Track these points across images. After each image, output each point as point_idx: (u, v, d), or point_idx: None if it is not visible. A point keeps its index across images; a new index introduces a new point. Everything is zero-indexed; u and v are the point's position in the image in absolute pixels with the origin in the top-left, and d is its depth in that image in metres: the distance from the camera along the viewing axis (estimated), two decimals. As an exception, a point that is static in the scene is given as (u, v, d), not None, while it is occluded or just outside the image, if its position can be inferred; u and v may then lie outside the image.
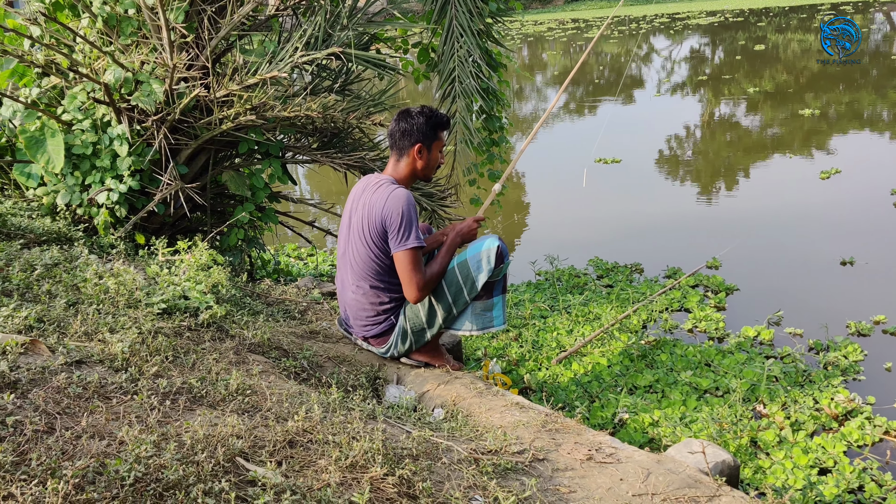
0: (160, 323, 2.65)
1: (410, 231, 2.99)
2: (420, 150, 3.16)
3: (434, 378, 3.10)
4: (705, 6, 34.59)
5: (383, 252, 3.08)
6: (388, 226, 3.01)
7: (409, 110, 3.19)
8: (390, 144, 3.22)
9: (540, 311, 4.75)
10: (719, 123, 11.12)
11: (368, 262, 3.10)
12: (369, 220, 3.06)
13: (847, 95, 12.12)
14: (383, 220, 3.01)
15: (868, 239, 5.79)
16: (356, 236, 3.13)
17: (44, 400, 1.81)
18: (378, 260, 3.09)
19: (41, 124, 3.76)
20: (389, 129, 3.22)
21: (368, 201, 3.09)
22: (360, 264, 3.13)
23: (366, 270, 3.13)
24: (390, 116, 3.89)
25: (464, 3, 4.54)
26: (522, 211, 7.80)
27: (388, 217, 3.00)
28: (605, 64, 20.30)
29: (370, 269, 3.12)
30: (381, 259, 3.09)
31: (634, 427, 3.31)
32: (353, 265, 3.17)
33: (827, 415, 3.35)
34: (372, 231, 3.05)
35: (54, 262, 3.05)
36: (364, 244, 3.09)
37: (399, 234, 2.99)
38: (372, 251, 3.08)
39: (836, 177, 7.51)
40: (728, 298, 4.87)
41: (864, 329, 4.25)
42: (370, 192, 3.11)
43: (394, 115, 3.25)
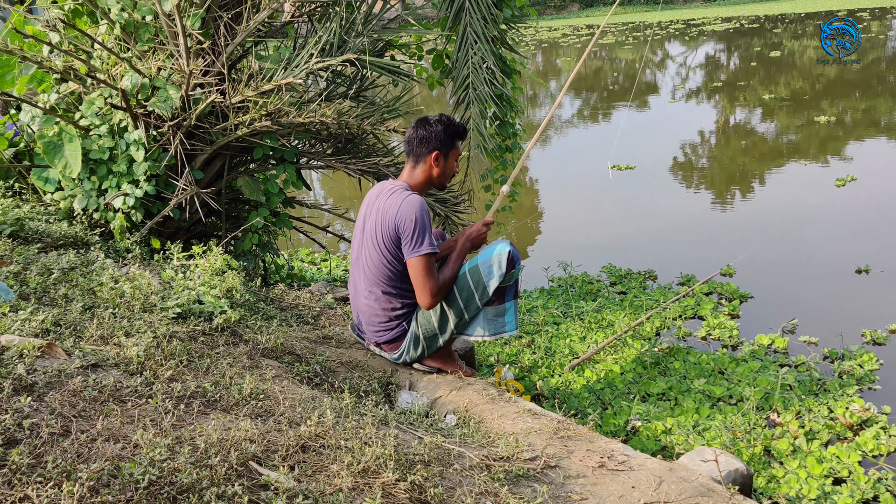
0: (175, 327, 2.67)
1: (424, 237, 3.00)
2: (437, 157, 3.18)
3: (446, 384, 3.10)
4: (720, 12, 34.48)
5: (396, 258, 3.09)
6: (402, 232, 3.02)
7: (428, 118, 3.21)
8: (407, 151, 3.24)
9: (553, 318, 4.75)
10: (734, 130, 11.08)
11: (381, 267, 3.11)
12: (383, 226, 3.07)
13: (863, 102, 12.05)
14: (396, 225, 3.02)
15: (883, 247, 5.75)
16: (370, 242, 3.14)
17: (60, 403, 1.82)
18: (391, 266, 3.10)
19: (59, 129, 3.80)
20: (407, 136, 3.23)
21: (382, 207, 3.10)
22: (373, 270, 3.14)
23: (378, 276, 3.14)
24: (405, 122, 3.90)
25: (478, 9, 4.55)
26: (536, 216, 7.80)
27: (402, 223, 3.01)
28: (619, 70, 20.27)
29: (383, 275, 3.13)
30: (393, 265, 3.10)
31: (647, 435, 3.30)
32: (366, 270, 3.18)
33: (842, 424, 3.33)
34: (385, 237, 3.06)
35: (71, 266, 3.08)
36: (377, 250, 3.10)
37: (412, 240, 3.00)
38: (385, 257, 3.09)
39: (852, 184, 7.46)
40: (742, 306, 4.85)
41: (879, 338, 4.22)
42: (384, 198, 3.12)
43: (408, 122, 3.26)
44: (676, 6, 42.79)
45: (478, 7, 4.55)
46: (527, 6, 5.28)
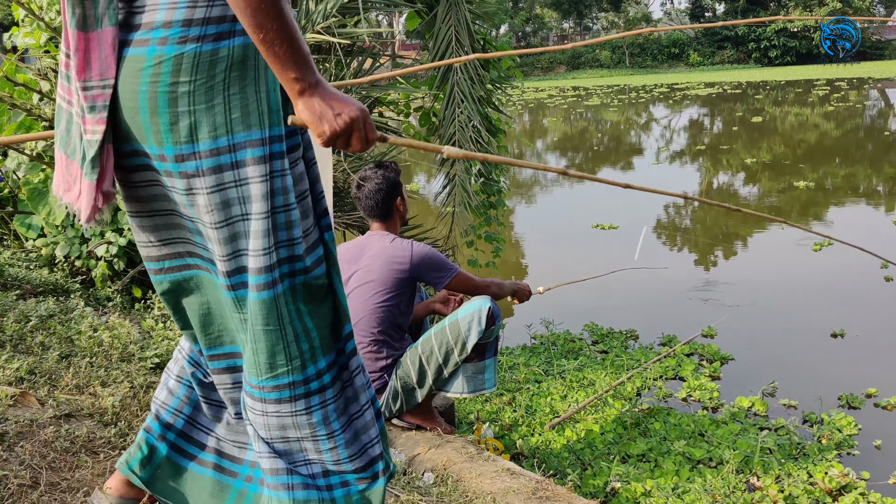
0: (153, 377, 2.64)
1: (447, 263, 3.18)
2: (400, 201, 3.27)
3: (425, 441, 3.07)
4: (704, 77, 35.27)
5: (397, 297, 3.14)
6: (426, 269, 3.14)
7: (369, 175, 3.24)
8: (370, 213, 3.25)
9: (534, 376, 4.74)
10: (717, 192, 11.24)
11: (377, 310, 3.11)
12: (388, 270, 3.12)
13: (843, 169, 12.29)
14: (415, 267, 3.12)
15: (856, 311, 5.83)
16: (360, 286, 3.15)
17: (30, 454, 1.80)
18: (386, 306, 3.12)
19: (45, 176, 3.81)
20: (364, 201, 3.24)
21: (382, 254, 3.14)
22: (368, 315, 3.14)
23: (370, 323, 3.13)
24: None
25: (465, 70, 4.65)
26: (520, 274, 7.83)
27: (423, 263, 3.12)
28: (604, 132, 20.61)
29: (376, 319, 3.12)
30: (391, 309, 3.13)
31: (626, 496, 3.27)
32: (355, 317, 3.17)
33: (821, 489, 3.32)
34: (387, 280, 3.11)
35: (49, 313, 3.06)
36: (373, 293, 3.12)
37: (441, 269, 3.15)
38: (383, 298, 3.12)
39: (828, 248, 7.58)
40: (723, 368, 4.86)
41: (854, 402, 4.24)
42: (384, 244, 3.18)
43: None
44: (661, 71, 43.75)
45: (465, 67, 4.65)
46: (513, 68, 5.40)
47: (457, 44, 4.65)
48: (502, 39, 8.27)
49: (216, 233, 1.43)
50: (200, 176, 1.39)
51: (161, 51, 1.35)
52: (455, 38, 4.65)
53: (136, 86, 1.36)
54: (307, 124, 1.36)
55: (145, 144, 1.40)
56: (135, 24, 1.38)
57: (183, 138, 1.37)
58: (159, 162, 1.40)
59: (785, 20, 30.48)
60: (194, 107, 1.36)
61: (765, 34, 48.91)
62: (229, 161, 1.40)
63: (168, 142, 1.37)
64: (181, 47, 1.34)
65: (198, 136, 1.37)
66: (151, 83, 1.35)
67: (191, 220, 1.47)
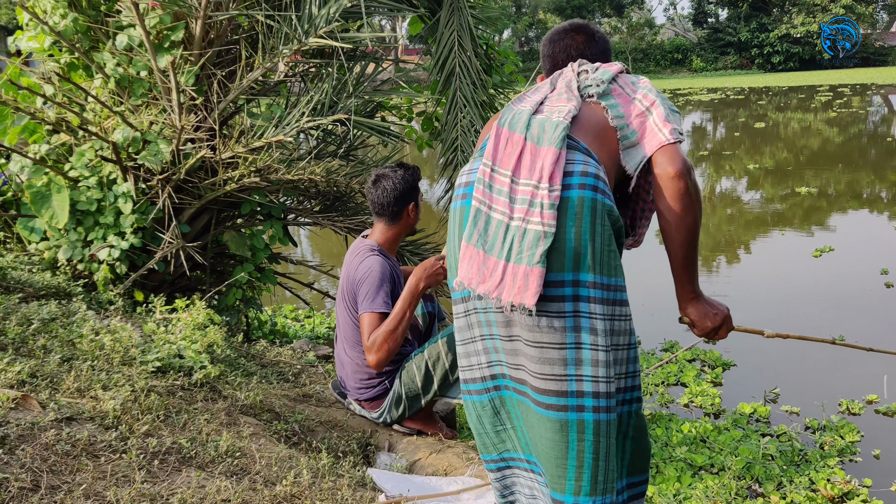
0: (154, 381, 2.64)
1: (376, 295, 2.99)
2: (413, 207, 3.21)
3: (426, 446, 3.07)
4: (707, 83, 35.26)
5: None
6: (359, 291, 3.05)
7: (386, 174, 3.16)
8: (378, 211, 3.19)
9: (536, 381, 4.72)
10: (720, 198, 11.23)
11: (352, 325, 3.14)
12: (348, 286, 3.13)
13: (845, 175, 12.28)
14: (356, 285, 3.07)
15: (854, 317, 5.82)
16: (341, 301, 3.19)
17: (31, 457, 1.80)
18: (357, 325, 3.13)
19: (48, 180, 3.82)
20: (374, 197, 3.17)
21: (349, 267, 3.16)
22: (346, 329, 3.18)
23: (350, 335, 3.17)
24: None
25: (468, 75, 4.65)
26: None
27: (362, 281, 3.05)
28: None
29: (356, 334, 3.15)
30: (358, 324, 3.13)
31: (628, 502, 3.26)
32: (342, 329, 3.21)
33: (823, 496, 3.31)
34: (349, 296, 3.12)
35: (51, 316, 3.06)
36: (346, 309, 3.15)
37: (365, 296, 3.01)
38: (352, 316, 3.13)
39: (829, 255, 7.57)
40: (725, 374, 4.85)
41: (854, 408, 4.23)
42: (351, 258, 3.19)
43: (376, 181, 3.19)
44: (664, 76, 43.73)
45: (467, 72, 4.65)
46: (515, 73, 5.40)
47: (459, 48, 4.65)
48: (505, 44, 8.27)
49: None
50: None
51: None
52: (458, 42, 4.65)
53: None
54: (694, 321, 1.98)
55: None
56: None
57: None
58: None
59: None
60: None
61: (768, 40, 48.86)
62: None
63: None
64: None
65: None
66: None
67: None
